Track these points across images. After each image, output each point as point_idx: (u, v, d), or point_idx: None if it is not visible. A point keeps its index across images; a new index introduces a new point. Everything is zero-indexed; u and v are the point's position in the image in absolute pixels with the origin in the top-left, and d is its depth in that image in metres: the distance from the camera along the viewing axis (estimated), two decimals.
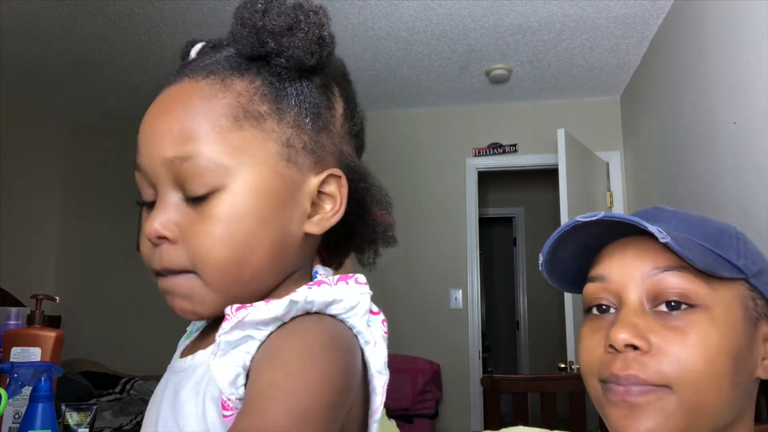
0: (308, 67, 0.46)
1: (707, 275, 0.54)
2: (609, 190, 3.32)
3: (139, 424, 2.72)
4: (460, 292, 3.52)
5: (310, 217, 0.47)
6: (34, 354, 1.04)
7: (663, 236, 0.52)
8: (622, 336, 0.53)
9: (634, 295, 0.56)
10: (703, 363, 0.52)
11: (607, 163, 3.35)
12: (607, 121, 3.44)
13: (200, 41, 0.51)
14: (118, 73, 3.25)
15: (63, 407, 1.10)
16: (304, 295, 0.40)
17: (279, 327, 0.41)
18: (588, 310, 0.61)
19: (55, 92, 3.57)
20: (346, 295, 0.41)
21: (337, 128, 0.50)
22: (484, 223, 4.60)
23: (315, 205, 0.47)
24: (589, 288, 0.60)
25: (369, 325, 0.42)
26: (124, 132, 4.14)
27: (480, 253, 3.66)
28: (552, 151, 3.02)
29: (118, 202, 4.05)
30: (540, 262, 0.63)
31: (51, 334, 1.06)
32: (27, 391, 0.94)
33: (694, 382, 0.51)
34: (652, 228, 0.52)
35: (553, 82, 3.28)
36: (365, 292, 0.42)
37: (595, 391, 0.57)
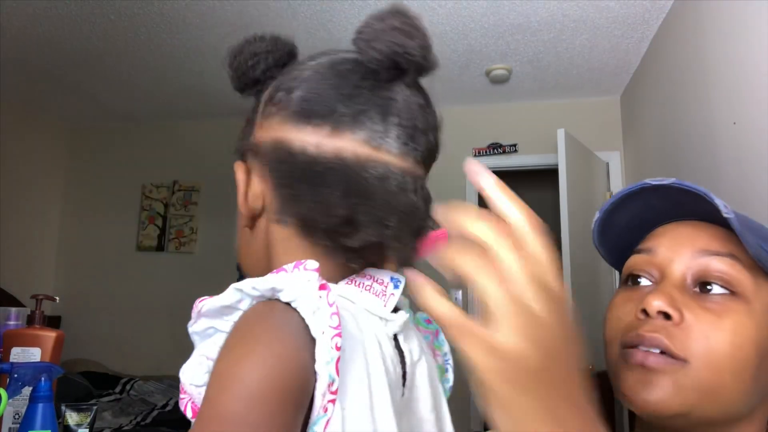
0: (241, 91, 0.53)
1: (754, 270, 0.54)
2: (609, 190, 3.32)
3: (138, 425, 2.73)
4: (460, 292, 3.52)
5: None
6: (34, 354, 1.04)
7: (727, 211, 0.52)
8: (657, 302, 0.53)
9: (678, 270, 0.56)
10: (730, 347, 0.51)
11: (607, 163, 3.35)
12: (607, 121, 3.44)
13: None
14: (118, 73, 3.25)
15: (63, 407, 1.10)
16: (250, 282, 0.40)
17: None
18: (625, 281, 0.60)
19: (55, 92, 3.57)
20: (287, 283, 0.40)
21: (258, 121, 0.51)
22: None
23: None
24: (635, 258, 0.60)
25: (315, 315, 0.39)
26: (124, 132, 4.15)
27: None
28: (552, 151, 3.02)
29: (118, 202, 4.05)
30: (595, 219, 0.62)
31: (51, 334, 1.06)
32: (27, 391, 0.94)
33: (716, 363, 0.51)
34: (718, 201, 0.52)
35: (553, 82, 3.28)
36: (312, 278, 0.40)
37: (614, 356, 0.57)
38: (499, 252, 0.35)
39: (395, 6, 0.49)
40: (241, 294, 0.41)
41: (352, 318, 0.44)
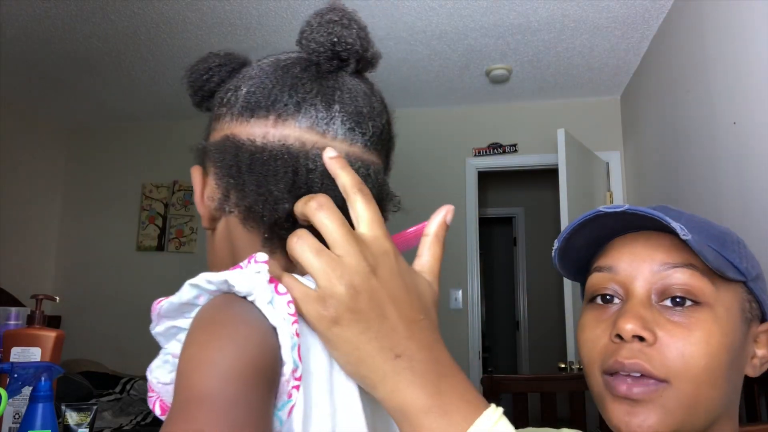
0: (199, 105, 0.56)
1: (712, 275, 0.56)
2: (609, 190, 3.32)
3: (138, 425, 2.73)
4: (460, 292, 3.52)
5: None
6: (34, 354, 1.04)
7: (684, 233, 0.53)
8: (629, 326, 0.54)
9: (642, 287, 0.57)
10: (705, 359, 0.53)
11: (607, 163, 3.35)
12: (607, 121, 3.44)
13: None
14: (118, 73, 3.25)
15: (63, 407, 1.10)
16: (204, 276, 0.41)
17: None
18: (592, 300, 0.61)
19: (55, 92, 3.57)
20: (238, 278, 0.40)
21: (211, 126, 0.54)
22: (484, 223, 4.60)
23: None
24: (596, 277, 0.61)
25: (271, 305, 0.40)
26: (124, 132, 4.15)
27: (480, 253, 3.66)
28: (552, 151, 3.02)
29: (118, 202, 4.05)
30: (554, 248, 0.64)
31: (51, 334, 1.06)
32: (27, 391, 0.94)
33: (695, 377, 0.53)
34: (675, 224, 0.53)
35: (553, 82, 3.28)
36: (262, 270, 0.41)
37: (597, 385, 0.58)
38: (312, 218, 0.43)
39: (332, 3, 0.52)
40: (198, 289, 0.41)
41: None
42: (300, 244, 0.42)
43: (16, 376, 0.91)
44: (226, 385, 0.35)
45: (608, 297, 0.60)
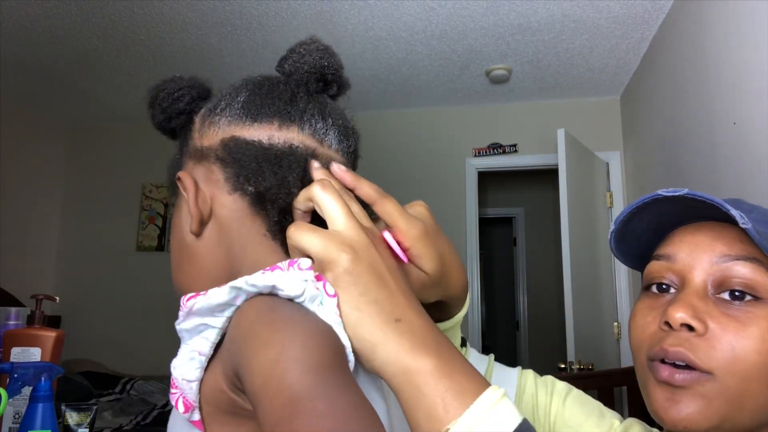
0: (170, 129, 0.59)
1: None
2: (609, 190, 3.32)
3: (138, 425, 2.73)
4: None
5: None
6: (34, 354, 1.04)
7: (744, 222, 0.51)
8: (679, 314, 0.53)
9: (699, 278, 0.55)
10: (756, 355, 0.51)
11: (607, 163, 3.35)
12: (607, 121, 3.44)
13: None
14: (118, 73, 3.25)
15: (63, 407, 1.10)
16: (245, 279, 0.41)
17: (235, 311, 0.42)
18: (647, 288, 0.60)
19: (55, 92, 3.57)
20: (287, 282, 0.41)
21: (195, 137, 0.56)
22: (484, 223, 4.60)
23: None
24: (654, 265, 0.60)
25: (321, 305, 0.42)
26: (124, 132, 4.15)
27: (480, 253, 3.65)
28: (552, 151, 3.02)
29: (118, 202, 4.05)
30: (610, 230, 0.62)
31: (51, 334, 1.06)
32: (27, 391, 0.94)
33: (742, 373, 0.51)
34: (734, 212, 0.52)
35: (553, 82, 3.28)
36: (309, 278, 0.42)
37: (642, 369, 0.57)
38: (316, 199, 0.47)
39: (313, 36, 0.58)
40: (237, 291, 0.42)
41: None
42: (298, 227, 0.45)
43: (16, 376, 0.91)
44: (323, 377, 0.35)
45: (664, 286, 0.58)
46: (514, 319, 5.81)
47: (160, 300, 3.81)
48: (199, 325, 0.44)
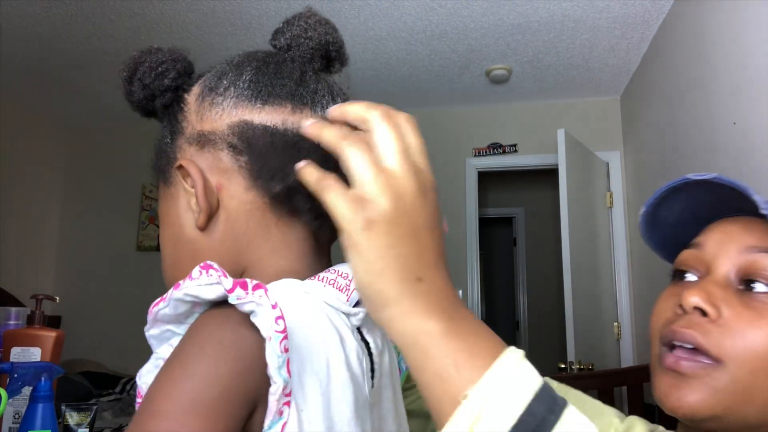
0: (152, 107, 0.52)
1: None
2: (609, 190, 3.32)
3: None
4: (460, 292, 3.52)
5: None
6: (34, 354, 1.04)
7: (766, 208, 0.51)
8: (693, 298, 0.52)
9: (723, 267, 0.55)
10: None
11: (607, 163, 3.35)
12: (607, 121, 3.44)
13: None
14: (118, 73, 3.25)
15: (63, 407, 1.10)
16: (183, 290, 0.39)
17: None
18: (674, 276, 0.60)
19: (55, 92, 3.57)
20: (202, 290, 0.39)
21: (191, 119, 0.50)
22: (484, 223, 4.60)
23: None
24: (684, 254, 0.59)
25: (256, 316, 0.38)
26: (124, 132, 4.14)
27: (480, 253, 3.65)
28: (552, 151, 3.02)
29: (118, 202, 4.05)
30: (640, 213, 0.61)
31: (51, 334, 1.06)
32: (27, 391, 0.94)
33: (753, 363, 0.50)
34: (757, 197, 0.51)
35: (553, 82, 3.28)
36: (214, 281, 0.39)
37: (654, 355, 0.56)
38: (373, 123, 0.41)
39: (311, 8, 0.53)
40: (183, 304, 0.40)
41: (313, 315, 0.44)
42: (352, 143, 0.40)
43: (16, 376, 0.91)
44: (188, 418, 0.35)
45: (689, 273, 0.58)
46: (514, 319, 5.81)
47: None
48: (165, 332, 0.42)
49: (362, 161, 0.39)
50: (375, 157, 0.40)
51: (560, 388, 0.69)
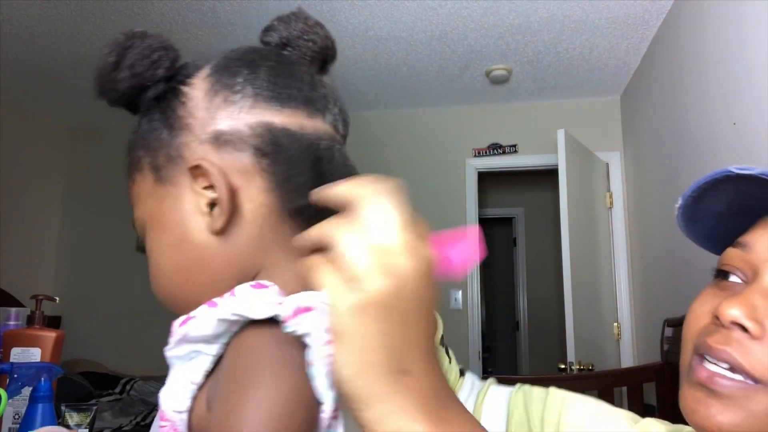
0: (143, 99, 0.49)
1: None
2: (609, 190, 3.32)
3: (138, 425, 2.72)
4: (460, 292, 3.52)
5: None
6: (34, 354, 1.04)
7: None
8: (733, 312, 0.46)
9: None
10: None
11: (607, 164, 3.35)
12: (607, 121, 3.44)
13: None
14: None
15: (63, 407, 1.10)
16: (230, 309, 0.38)
17: (232, 338, 0.39)
18: (717, 274, 0.53)
19: (55, 92, 3.57)
20: (252, 307, 0.38)
21: (200, 115, 0.46)
22: (484, 223, 4.60)
23: (211, 205, 0.45)
24: (729, 252, 0.53)
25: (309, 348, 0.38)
26: (124, 132, 4.12)
27: None
28: (552, 151, 3.02)
29: (118, 202, 4.04)
30: (677, 205, 0.56)
31: (51, 335, 1.06)
32: (27, 391, 0.94)
33: None
34: None
35: (553, 83, 3.28)
36: (274, 301, 0.38)
37: (684, 364, 0.51)
38: (362, 202, 0.37)
39: (301, 9, 0.52)
40: (227, 323, 0.39)
41: None
42: (339, 233, 0.36)
43: (16, 376, 0.91)
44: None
45: (733, 276, 0.51)
46: (514, 319, 5.81)
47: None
48: (191, 352, 0.40)
49: (356, 235, 0.36)
50: (369, 235, 0.36)
51: (563, 394, 0.67)
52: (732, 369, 0.46)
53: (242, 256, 0.45)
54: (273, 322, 0.38)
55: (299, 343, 0.37)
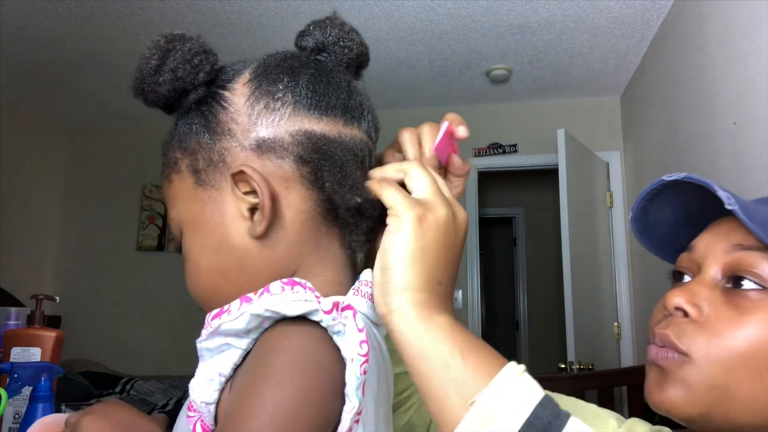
0: (180, 103, 0.49)
1: None
2: (609, 190, 3.32)
3: None
4: (460, 292, 3.52)
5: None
6: (34, 354, 1.04)
7: (730, 203, 0.50)
8: (675, 299, 0.53)
9: (712, 267, 0.55)
10: (745, 344, 0.49)
11: (607, 163, 3.35)
12: (607, 121, 3.44)
13: None
14: (118, 73, 3.25)
15: (63, 407, 1.10)
16: (264, 305, 0.39)
17: (262, 333, 0.41)
18: (673, 276, 0.61)
19: (55, 92, 3.57)
20: (286, 305, 0.39)
21: (241, 121, 0.47)
22: (484, 223, 4.60)
23: (252, 210, 0.47)
24: (681, 256, 0.60)
25: (342, 336, 0.39)
26: (124, 132, 4.15)
27: (480, 253, 3.65)
28: (552, 151, 3.02)
29: (118, 202, 4.05)
30: (630, 218, 0.63)
31: (51, 334, 1.06)
32: (27, 391, 0.94)
33: (727, 360, 0.49)
34: (722, 193, 0.51)
35: (553, 82, 3.28)
36: (310, 298, 0.40)
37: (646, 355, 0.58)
38: (410, 170, 0.49)
39: (337, 14, 0.55)
40: (259, 318, 0.40)
41: (373, 337, 0.46)
42: (416, 168, 0.48)
43: (16, 376, 0.91)
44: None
45: (684, 275, 0.59)
46: (514, 319, 5.81)
47: (160, 300, 3.81)
48: (222, 345, 0.42)
49: (427, 179, 0.47)
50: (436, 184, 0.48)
51: (552, 395, 0.68)
52: (669, 348, 0.53)
53: (280, 260, 0.47)
54: (304, 320, 0.39)
55: (328, 343, 0.39)
